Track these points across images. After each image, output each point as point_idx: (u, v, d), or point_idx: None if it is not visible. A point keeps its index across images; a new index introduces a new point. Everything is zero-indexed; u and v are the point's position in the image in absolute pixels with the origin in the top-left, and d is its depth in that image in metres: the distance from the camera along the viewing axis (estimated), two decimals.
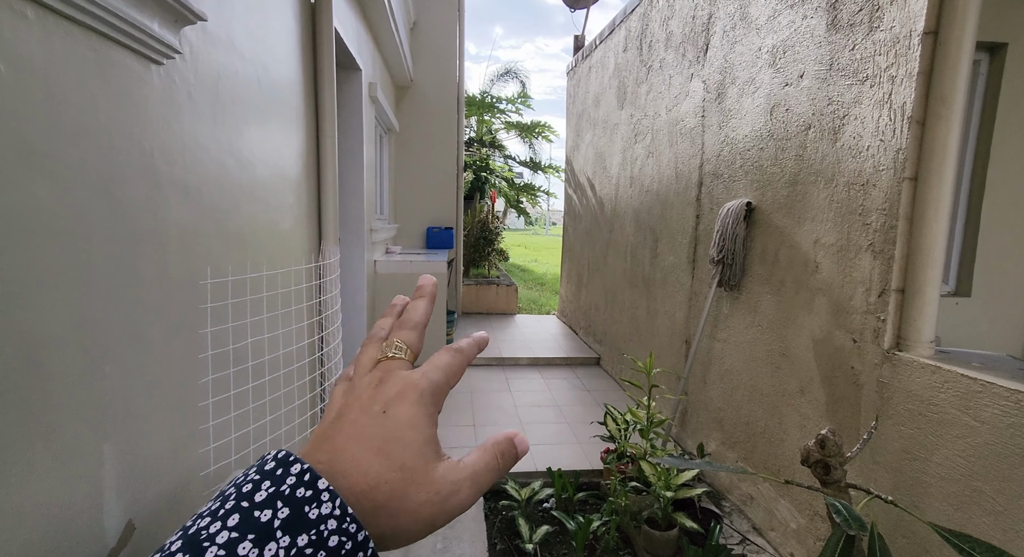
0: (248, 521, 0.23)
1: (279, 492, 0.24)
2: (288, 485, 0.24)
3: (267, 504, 0.24)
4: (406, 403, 0.30)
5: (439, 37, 5.71)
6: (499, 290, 6.64)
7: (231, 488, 0.25)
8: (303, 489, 0.24)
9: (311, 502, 0.24)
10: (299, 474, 0.25)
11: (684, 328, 3.08)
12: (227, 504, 0.24)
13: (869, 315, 1.70)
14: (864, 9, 1.72)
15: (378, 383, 0.31)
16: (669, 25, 3.33)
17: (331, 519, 0.24)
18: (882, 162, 1.65)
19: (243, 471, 0.27)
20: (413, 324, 0.36)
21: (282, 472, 0.25)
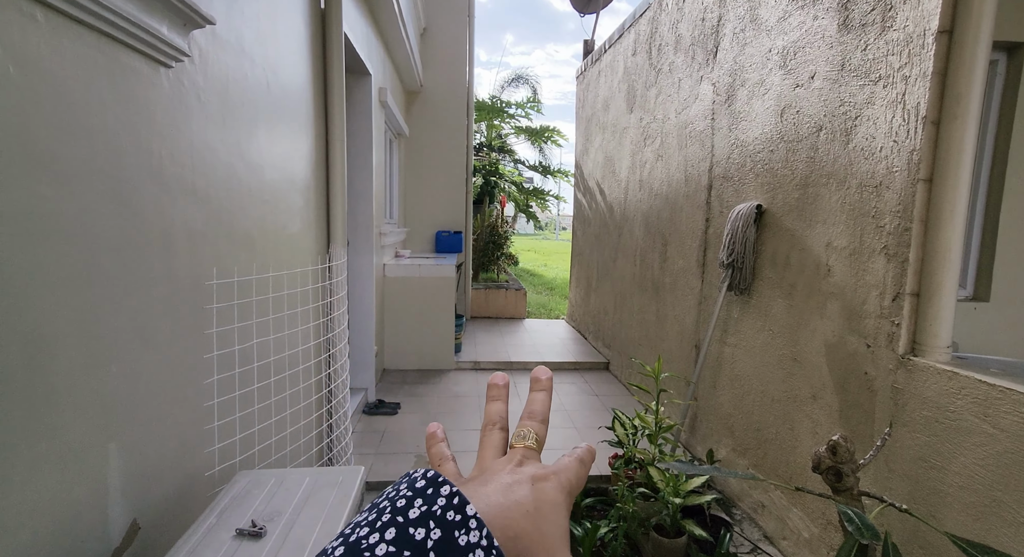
0: (404, 537, 0.23)
1: (431, 512, 0.24)
2: (439, 506, 0.24)
3: (420, 522, 0.24)
4: (551, 487, 0.30)
5: (449, 43, 5.75)
6: (508, 294, 6.64)
7: (384, 501, 0.26)
8: (453, 512, 0.24)
9: (460, 527, 0.24)
10: (448, 496, 0.25)
11: (694, 332, 3.05)
12: (383, 517, 0.24)
13: (883, 319, 1.67)
14: (876, 9, 1.70)
15: (519, 463, 0.32)
16: (678, 28, 3.32)
17: (479, 549, 0.23)
18: (895, 163, 1.62)
19: (393, 485, 0.28)
20: (542, 418, 0.37)
21: (432, 492, 0.25)
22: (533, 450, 0.35)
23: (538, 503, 0.29)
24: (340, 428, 2.12)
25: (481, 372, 4.49)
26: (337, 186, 2.36)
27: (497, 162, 8.85)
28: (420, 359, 4.47)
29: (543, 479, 0.31)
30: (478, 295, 6.58)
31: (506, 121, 9.34)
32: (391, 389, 3.96)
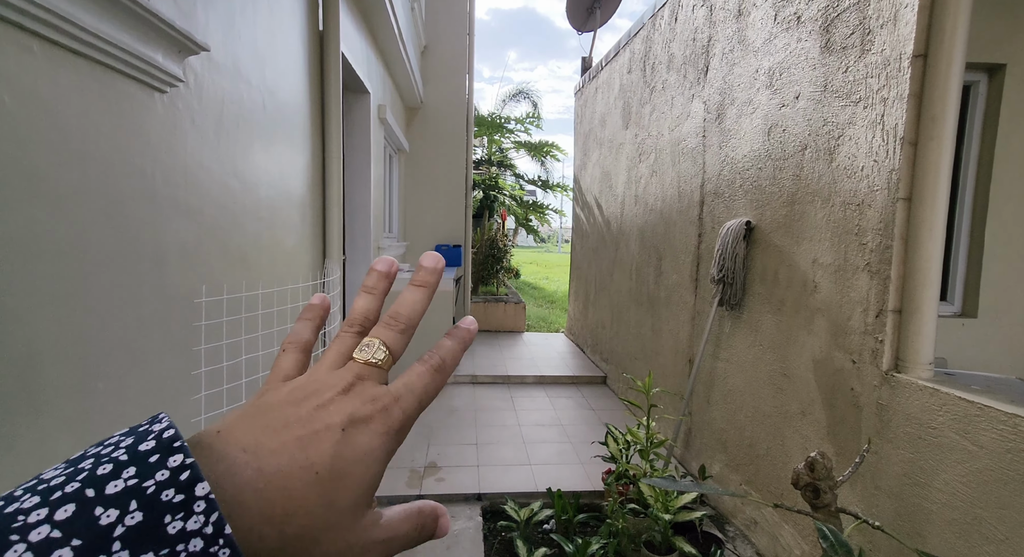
0: (83, 519, 0.18)
1: (140, 489, 0.19)
2: (155, 482, 0.19)
3: (118, 502, 0.18)
4: (370, 433, 0.25)
5: (449, 60, 5.85)
6: (507, 308, 6.65)
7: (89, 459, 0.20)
8: (172, 491, 0.19)
9: (177, 511, 0.19)
10: (176, 469, 0.20)
11: (688, 347, 3.06)
12: (69, 486, 0.19)
13: (867, 336, 1.68)
14: (856, 33, 1.74)
15: (345, 390, 0.26)
16: (671, 47, 3.39)
17: (197, 538, 0.19)
18: (876, 182, 1.65)
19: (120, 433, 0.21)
20: (404, 324, 0.30)
21: (157, 460, 0.20)
22: (376, 368, 0.28)
23: (338, 463, 0.23)
24: None
25: (479, 386, 4.50)
26: (333, 202, 2.40)
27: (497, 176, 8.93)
28: None
29: (364, 421, 0.25)
30: (477, 308, 6.60)
31: (506, 136, 9.44)
32: None
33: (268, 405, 0.25)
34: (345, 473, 0.24)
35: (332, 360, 0.28)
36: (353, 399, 0.26)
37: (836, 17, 1.84)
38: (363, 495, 0.24)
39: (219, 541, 0.19)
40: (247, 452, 0.23)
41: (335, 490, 0.23)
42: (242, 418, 0.24)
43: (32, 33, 0.83)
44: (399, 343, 0.29)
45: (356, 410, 0.25)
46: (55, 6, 0.84)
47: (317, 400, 0.25)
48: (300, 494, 0.22)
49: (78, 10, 0.89)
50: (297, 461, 0.23)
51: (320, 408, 0.25)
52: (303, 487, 0.22)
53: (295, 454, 0.23)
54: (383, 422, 0.25)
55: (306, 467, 0.23)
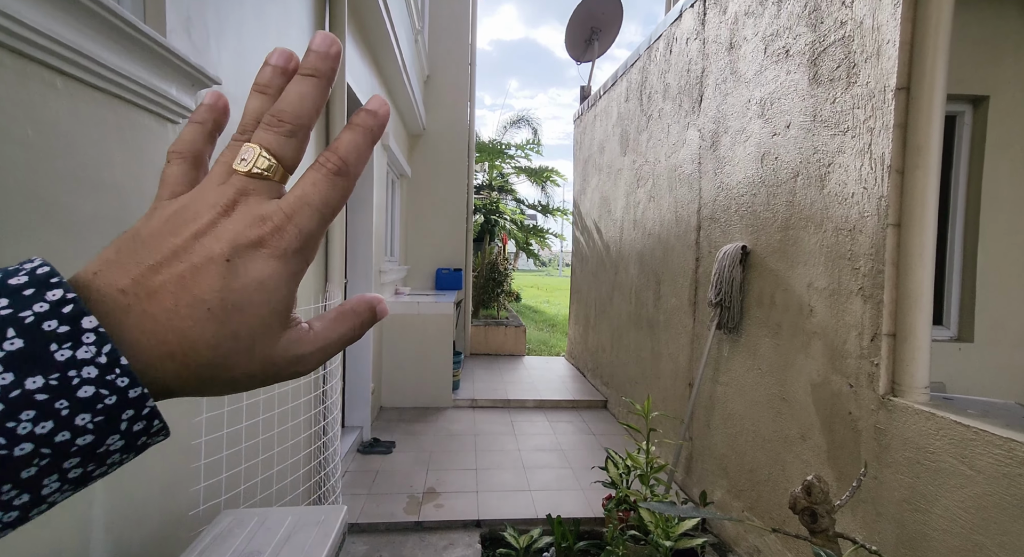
0: None
1: (15, 318, 0.18)
2: (34, 313, 0.18)
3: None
4: (261, 260, 0.22)
5: (451, 89, 6.01)
6: (507, 331, 6.65)
7: None
8: (56, 322, 0.18)
9: (64, 341, 0.18)
10: (57, 303, 0.19)
11: (687, 371, 3.06)
12: None
13: (863, 359, 1.70)
14: (841, 66, 1.81)
15: (225, 209, 0.23)
16: (666, 78, 3.49)
17: (90, 367, 0.18)
18: (866, 209, 1.69)
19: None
20: (290, 123, 0.24)
21: (33, 293, 0.19)
22: (263, 181, 0.24)
23: (230, 297, 0.22)
24: (330, 466, 2.12)
25: (478, 410, 4.47)
26: (336, 227, 2.45)
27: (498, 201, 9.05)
28: (417, 396, 4.45)
29: (253, 247, 0.22)
30: (477, 332, 6.60)
31: (507, 161, 9.61)
32: (387, 427, 3.94)
33: (147, 235, 0.22)
34: (242, 305, 0.22)
35: (219, 174, 0.24)
36: (236, 221, 0.23)
37: (823, 51, 1.91)
38: (270, 321, 0.23)
39: (115, 370, 0.19)
40: (127, 294, 0.21)
41: (235, 322, 0.22)
42: (120, 253, 0.22)
43: (56, 70, 0.88)
44: (287, 148, 0.24)
45: (240, 234, 0.22)
46: (81, 46, 0.89)
47: (195, 226, 0.22)
48: (195, 332, 0.21)
49: (101, 49, 0.95)
50: (183, 301, 0.21)
51: (199, 236, 0.22)
52: (197, 325, 0.21)
53: (178, 294, 0.21)
54: (276, 245, 0.23)
55: (194, 305, 0.21)
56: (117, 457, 0.20)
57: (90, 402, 0.18)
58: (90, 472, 0.20)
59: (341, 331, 0.26)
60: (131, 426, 0.20)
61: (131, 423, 0.20)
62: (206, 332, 0.21)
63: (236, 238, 0.22)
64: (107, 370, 0.19)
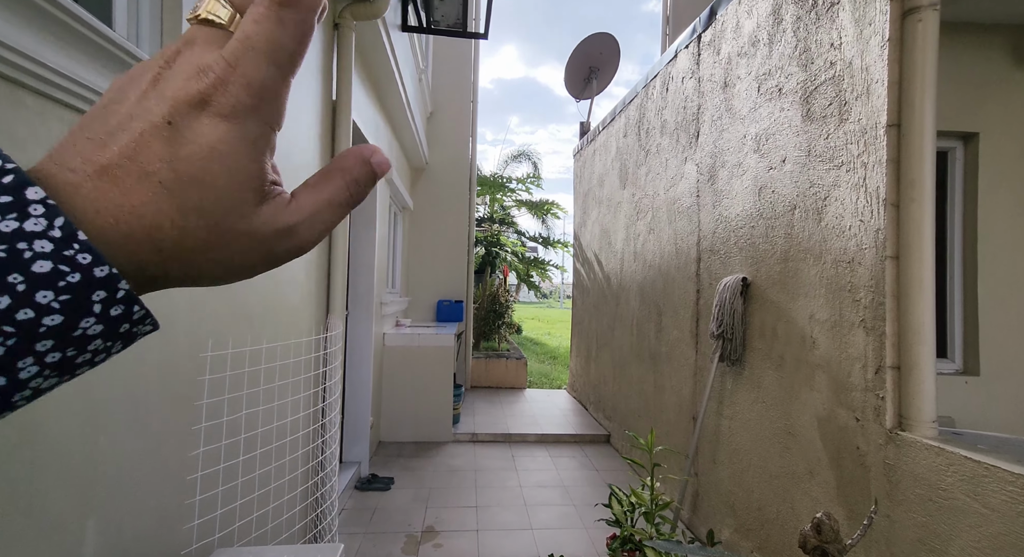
0: None
1: None
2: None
3: None
4: (208, 121, 0.20)
5: (454, 125, 6.17)
6: (508, 364, 6.59)
7: None
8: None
9: (7, 211, 0.17)
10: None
11: (691, 404, 3.01)
12: None
13: (868, 392, 1.68)
14: (833, 103, 1.87)
15: (168, 61, 0.20)
16: (663, 114, 3.59)
17: (42, 240, 0.17)
18: (864, 241, 1.70)
19: None
20: None
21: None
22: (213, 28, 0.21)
23: (181, 167, 0.19)
24: (327, 502, 2.07)
25: (479, 445, 4.38)
26: (338, 259, 2.47)
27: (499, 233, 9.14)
28: (417, 431, 4.38)
29: (194, 106, 0.20)
30: (478, 364, 6.54)
31: (508, 195, 9.75)
32: (386, 463, 3.85)
33: (102, 105, 0.21)
34: (197, 177, 0.20)
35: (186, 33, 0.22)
36: (176, 75, 0.20)
37: (814, 89, 1.97)
38: (237, 194, 0.21)
39: (74, 246, 0.17)
40: (76, 172, 0.19)
41: (194, 197, 0.20)
42: (74, 132, 0.20)
43: (69, 106, 0.92)
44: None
45: (179, 90, 0.20)
46: (89, 81, 0.93)
47: (141, 85, 0.20)
48: (150, 209, 0.19)
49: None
50: (131, 175, 0.19)
51: (142, 98, 0.20)
52: (151, 201, 0.19)
53: (126, 168, 0.19)
54: (221, 103, 0.20)
55: (143, 178, 0.19)
56: (100, 344, 0.19)
57: (49, 279, 0.17)
58: (71, 358, 0.19)
59: (328, 194, 0.23)
60: (107, 310, 0.19)
61: (106, 306, 0.18)
62: (163, 209, 0.19)
63: (175, 95, 0.19)
64: (64, 245, 0.17)
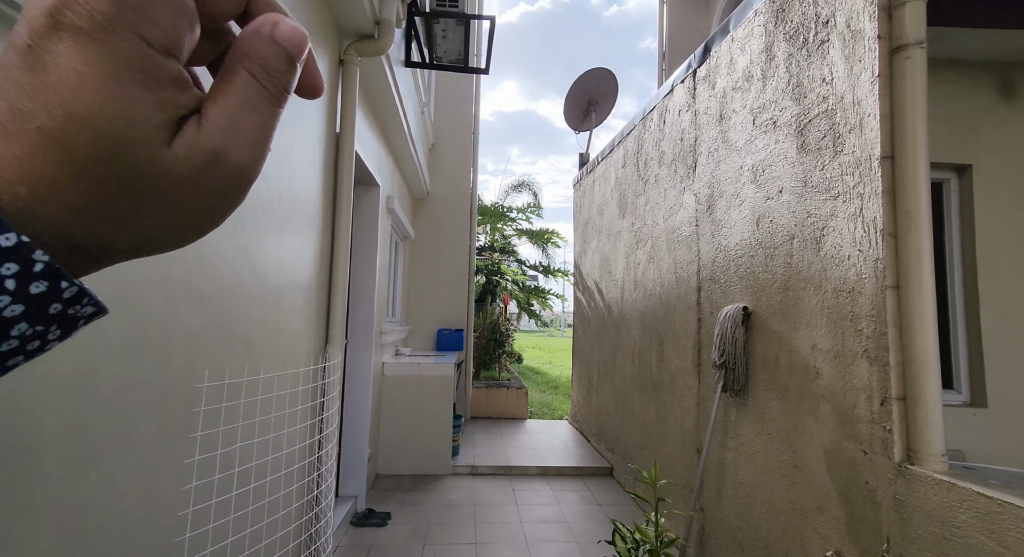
0: None
1: None
2: None
3: None
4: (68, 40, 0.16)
5: (455, 156, 6.28)
6: (509, 393, 6.51)
7: None
8: None
9: None
10: None
11: (694, 435, 2.96)
12: None
13: (875, 424, 1.65)
14: (827, 136, 1.90)
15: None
16: (661, 146, 3.65)
17: None
18: (864, 271, 1.71)
19: None
20: None
21: None
22: None
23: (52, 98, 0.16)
24: (321, 539, 2.01)
25: (478, 478, 4.28)
26: (339, 288, 2.47)
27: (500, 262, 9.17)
28: (415, 463, 4.29)
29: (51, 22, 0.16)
30: (478, 394, 6.45)
31: (508, 224, 9.84)
32: (383, 497, 3.75)
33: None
34: (74, 112, 0.16)
35: None
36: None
37: (808, 123, 2.01)
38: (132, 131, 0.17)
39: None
40: None
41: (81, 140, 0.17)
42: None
43: None
44: None
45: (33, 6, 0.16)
46: None
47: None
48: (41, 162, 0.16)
49: None
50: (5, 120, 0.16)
51: (19, 21, 0.17)
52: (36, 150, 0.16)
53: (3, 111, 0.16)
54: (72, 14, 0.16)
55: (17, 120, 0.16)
56: (26, 328, 0.17)
57: None
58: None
59: (236, 94, 0.19)
60: (24, 287, 0.16)
61: (22, 282, 0.16)
62: (51, 158, 0.16)
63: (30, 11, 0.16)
64: None
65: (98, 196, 0.17)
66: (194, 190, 0.19)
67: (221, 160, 0.19)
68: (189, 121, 0.19)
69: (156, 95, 0.18)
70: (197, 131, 0.19)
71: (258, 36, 0.20)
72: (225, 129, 0.19)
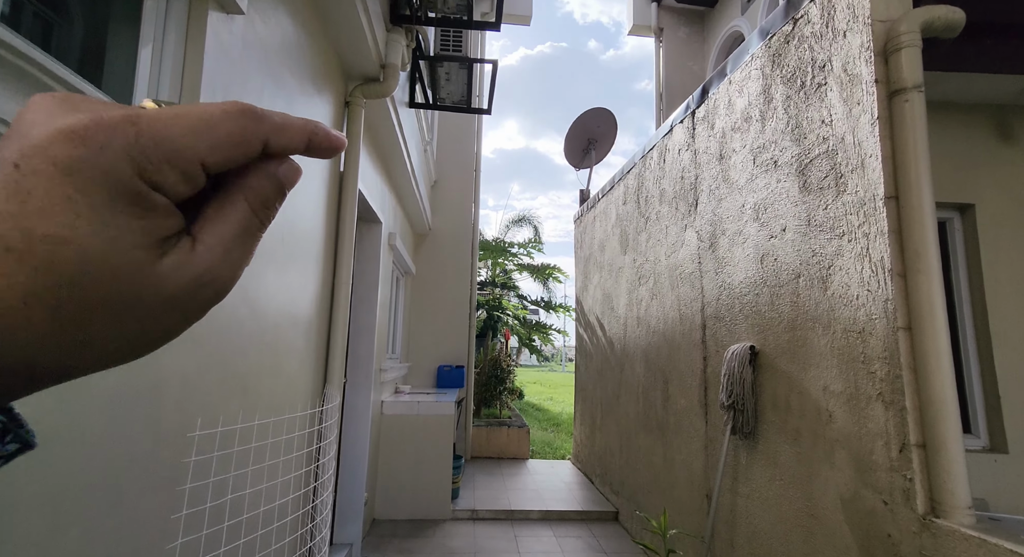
0: None
1: None
2: None
3: None
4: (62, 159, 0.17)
5: (457, 192, 6.35)
6: (510, 433, 6.35)
7: None
8: None
9: None
10: None
11: (703, 479, 2.85)
12: None
13: (895, 473, 1.58)
14: (829, 176, 1.91)
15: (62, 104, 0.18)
16: (661, 183, 3.69)
17: None
18: (874, 311, 1.67)
19: None
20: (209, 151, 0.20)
21: None
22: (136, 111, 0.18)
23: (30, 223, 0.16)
24: None
25: (479, 523, 4.11)
26: (339, 326, 2.43)
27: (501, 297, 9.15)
28: (414, 507, 4.13)
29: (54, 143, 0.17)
30: (479, 433, 6.30)
31: (509, 259, 9.87)
32: (380, 544, 3.60)
33: None
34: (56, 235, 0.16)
35: None
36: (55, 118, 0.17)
37: (809, 163, 2.03)
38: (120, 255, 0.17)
39: None
40: None
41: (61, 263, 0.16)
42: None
43: None
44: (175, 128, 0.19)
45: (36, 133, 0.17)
46: None
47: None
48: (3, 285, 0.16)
49: None
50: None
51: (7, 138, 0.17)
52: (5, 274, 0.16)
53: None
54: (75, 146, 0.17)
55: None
56: None
57: None
58: None
59: (236, 223, 0.20)
60: None
61: None
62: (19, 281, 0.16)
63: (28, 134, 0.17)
64: None
65: (76, 319, 0.17)
66: (173, 310, 0.20)
67: (208, 281, 0.20)
68: (181, 242, 0.20)
69: (144, 223, 0.18)
70: (190, 253, 0.20)
71: (265, 173, 0.21)
72: (218, 254, 0.20)
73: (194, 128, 0.19)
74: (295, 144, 0.21)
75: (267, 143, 0.20)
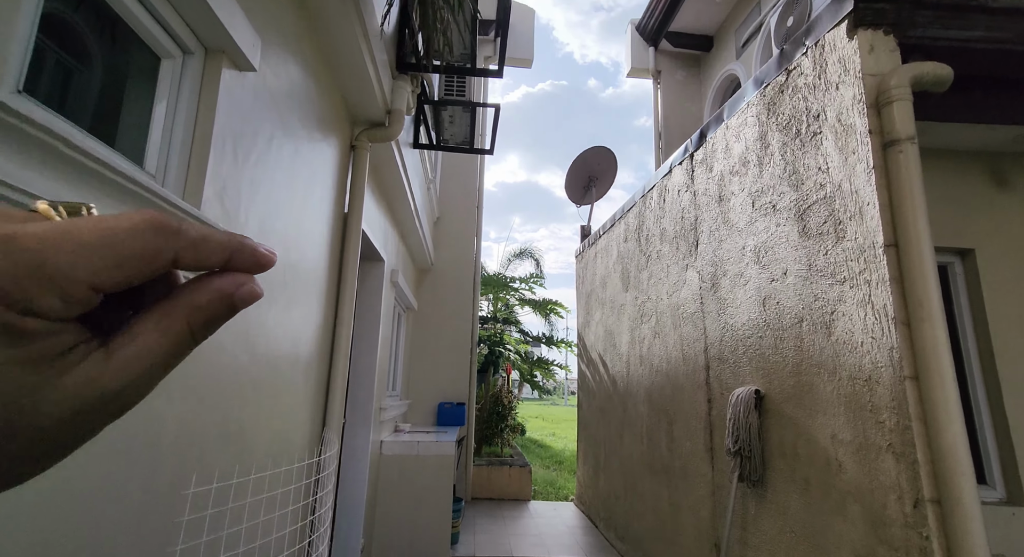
0: None
1: None
2: None
3: None
4: None
5: (459, 227, 6.42)
6: (512, 472, 6.20)
7: None
8: None
9: None
10: None
11: (711, 528, 2.75)
12: None
13: (910, 529, 1.52)
14: (828, 222, 1.93)
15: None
16: (662, 223, 3.72)
17: None
18: (879, 359, 1.66)
19: None
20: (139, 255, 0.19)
21: None
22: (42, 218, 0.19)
23: None
24: None
25: None
26: (339, 367, 2.41)
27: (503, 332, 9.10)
28: (412, 553, 3.98)
29: None
30: (480, 472, 6.15)
31: (511, 294, 9.87)
32: None
33: None
34: None
35: None
36: None
37: (807, 208, 2.05)
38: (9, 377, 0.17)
39: None
40: None
41: None
42: None
43: None
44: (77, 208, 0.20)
45: None
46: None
47: None
48: None
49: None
50: None
51: None
52: None
53: None
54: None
55: None
56: None
57: None
58: None
59: (166, 343, 0.19)
60: None
61: None
62: None
63: None
64: None
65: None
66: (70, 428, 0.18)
67: (117, 399, 0.19)
68: (92, 356, 0.18)
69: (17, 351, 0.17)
70: (103, 364, 0.18)
71: (219, 294, 0.20)
72: (138, 373, 0.19)
73: (86, 247, 0.18)
74: (212, 261, 0.20)
75: (177, 259, 0.19)
